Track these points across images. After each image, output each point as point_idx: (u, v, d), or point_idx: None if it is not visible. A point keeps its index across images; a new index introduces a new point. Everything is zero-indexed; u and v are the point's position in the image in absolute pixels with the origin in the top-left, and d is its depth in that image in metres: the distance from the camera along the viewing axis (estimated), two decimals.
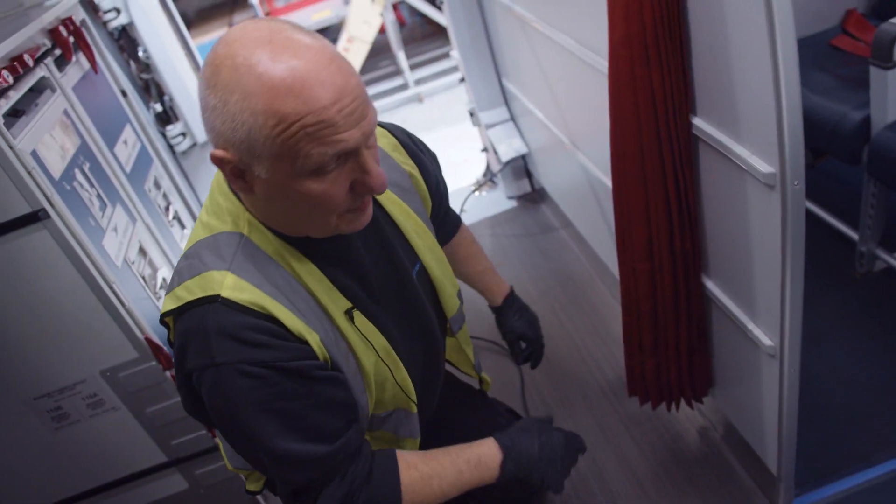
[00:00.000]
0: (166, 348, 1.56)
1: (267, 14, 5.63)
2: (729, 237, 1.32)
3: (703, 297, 1.48)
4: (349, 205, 0.96)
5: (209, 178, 1.02)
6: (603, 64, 1.58)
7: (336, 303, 1.07)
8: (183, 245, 2.04)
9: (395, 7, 5.02)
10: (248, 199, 0.98)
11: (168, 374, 1.58)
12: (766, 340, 1.30)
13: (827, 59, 1.99)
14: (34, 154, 1.36)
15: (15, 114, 1.41)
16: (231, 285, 0.96)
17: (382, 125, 1.25)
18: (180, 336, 0.99)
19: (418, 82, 4.64)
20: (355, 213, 0.99)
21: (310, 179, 0.90)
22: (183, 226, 2.09)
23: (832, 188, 2.24)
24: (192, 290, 0.98)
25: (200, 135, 2.40)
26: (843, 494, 1.52)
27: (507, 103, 2.78)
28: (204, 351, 0.95)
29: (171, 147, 2.35)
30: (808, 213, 2.02)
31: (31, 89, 1.49)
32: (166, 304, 1.01)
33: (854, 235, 1.95)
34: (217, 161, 0.90)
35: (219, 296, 0.95)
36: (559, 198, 2.57)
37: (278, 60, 0.84)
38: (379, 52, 5.07)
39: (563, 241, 2.58)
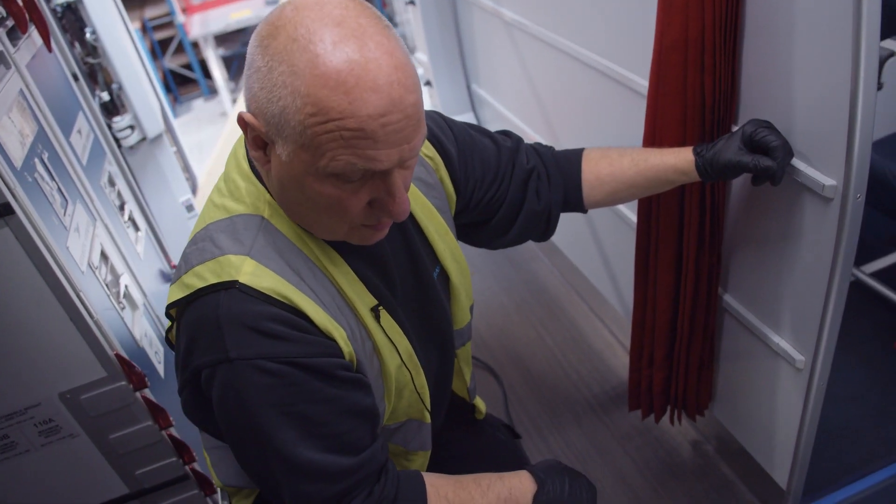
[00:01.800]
0: (138, 366, 1.38)
1: (183, 11, 5.32)
2: (759, 250, 1.30)
3: (719, 310, 1.46)
4: (363, 220, 0.88)
5: (157, 177, 0.90)
6: (612, 69, 1.55)
7: (362, 298, 0.97)
8: (139, 249, 1.84)
9: None
10: (264, 174, 0.88)
11: (138, 395, 1.40)
12: (797, 355, 1.28)
13: None
14: None
15: None
16: (250, 271, 0.86)
17: None
18: (188, 328, 0.88)
19: None
20: (369, 229, 0.90)
21: (328, 182, 0.81)
22: (137, 228, 1.88)
23: None
24: (203, 277, 0.86)
25: (151, 129, 2.17)
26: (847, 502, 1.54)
27: (474, 109, 2.72)
28: (216, 344, 0.84)
29: (116, 141, 2.11)
30: None
31: None
32: (172, 293, 0.90)
33: None
34: (242, 124, 0.82)
35: (236, 282, 0.85)
36: None
37: (340, 48, 0.74)
38: None
39: (531, 251, 2.53)
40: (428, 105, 2.91)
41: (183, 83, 5.66)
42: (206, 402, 0.90)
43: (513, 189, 1.21)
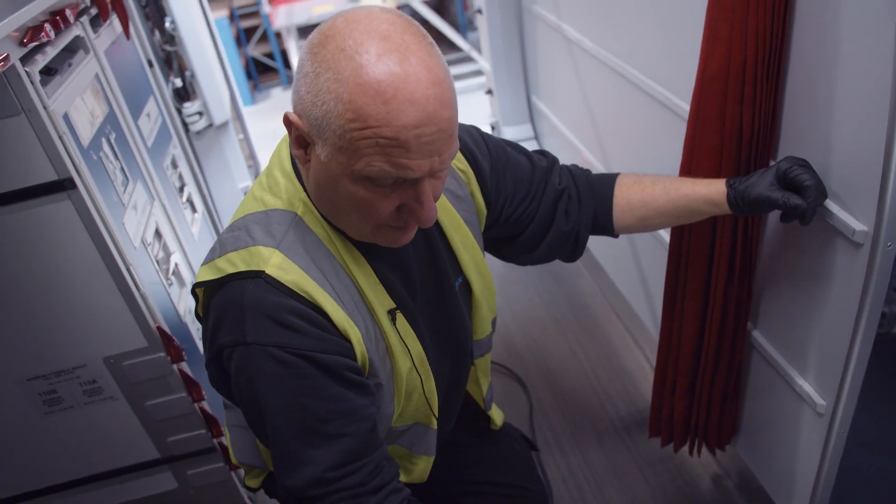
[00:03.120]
0: (177, 340, 1.46)
1: (270, 1, 5.52)
2: (790, 289, 1.28)
3: (746, 345, 1.44)
4: (391, 221, 0.92)
5: (220, 162, 0.96)
6: (663, 94, 1.55)
7: (381, 300, 1.01)
8: (194, 230, 1.94)
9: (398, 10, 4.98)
10: (304, 172, 0.94)
11: (175, 367, 1.48)
12: (818, 399, 1.25)
13: None
14: (66, 117, 1.26)
15: (48, 72, 1.31)
16: (277, 264, 0.91)
17: None
18: (216, 308, 0.94)
19: None
20: (395, 230, 0.94)
21: (361, 185, 0.86)
22: (195, 210, 1.99)
23: None
24: (234, 263, 0.92)
25: (218, 116, 2.29)
26: None
27: (532, 120, 2.73)
28: (237, 327, 0.90)
29: (185, 125, 2.23)
30: None
31: (65, 48, 1.39)
32: (202, 273, 0.96)
33: None
34: (287, 124, 0.88)
35: (263, 272, 0.90)
36: None
37: (383, 61, 0.79)
38: None
39: (576, 268, 2.53)
40: (487, 114, 2.94)
41: (264, 71, 5.88)
42: (227, 377, 0.96)
43: (543, 207, 1.23)
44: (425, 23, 4.97)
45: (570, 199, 1.25)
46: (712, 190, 1.15)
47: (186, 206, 1.92)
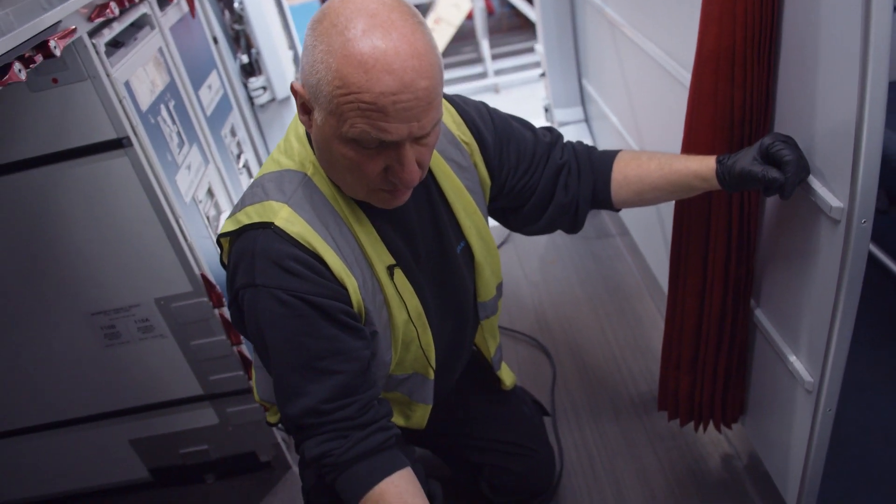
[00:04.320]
0: (219, 287, 1.63)
1: None
2: (785, 267, 1.30)
3: (750, 324, 1.47)
4: (380, 184, 1.02)
5: (282, 133, 1.09)
6: (687, 77, 1.57)
7: (380, 256, 1.12)
8: None
9: None
10: (312, 136, 1.05)
11: (216, 311, 1.65)
12: (807, 375, 1.28)
13: None
14: (127, 84, 1.43)
15: (115, 45, 1.49)
16: (285, 217, 1.03)
17: (453, 100, 1.27)
18: (234, 255, 1.07)
19: (497, 73, 4.64)
20: (387, 193, 1.05)
21: (349, 146, 0.96)
22: (251, 175, 2.16)
23: None
24: (250, 216, 1.05)
25: (280, 91, 2.47)
26: None
27: (583, 104, 2.77)
28: (249, 271, 1.03)
29: (250, 99, 2.42)
30: (875, 260, 1.96)
31: (132, 24, 1.57)
32: (226, 225, 1.10)
33: None
34: (294, 92, 0.99)
35: (272, 223, 1.03)
36: None
37: (367, 35, 0.89)
38: (463, 37, 5.09)
39: (617, 250, 2.57)
40: (539, 96, 2.99)
41: None
42: (243, 316, 1.10)
43: (544, 180, 1.30)
44: (512, 8, 5.02)
45: (570, 174, 1.31)
46: (703, 166, 1.20)
47: (243, 171, 2.10)
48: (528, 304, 2.41)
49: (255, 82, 2.41)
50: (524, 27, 5.13)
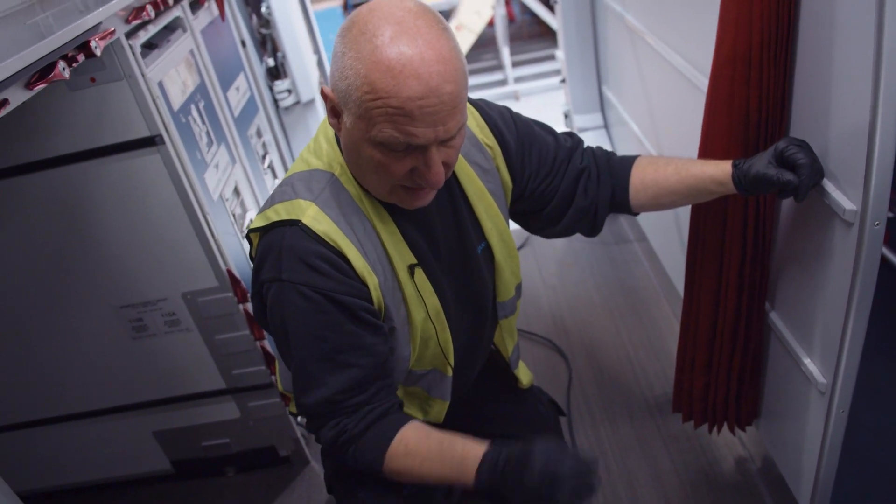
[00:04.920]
0: (244, 283, 1.68)
1: None
2: (799, 269, 1.32)
3: (764, 326, 1.48)
4: (405, 182, 1.05)
5: (306, 135, 1.13)
6: (706, 84, 1.60)
7: (402, 255, 1.15)
8: None
9: (506, 1, 5.07)
10: (341, 139, 1.08)
11: (241, 307, 1.70)
12: (820, 377, 1.29)
13: None
14: (160, 85, 1.48)
15: (149, 46, 1.54)
16: (312, 215, 1.07)
17: (477, 104, 1.30)
18: (261, 250, 1.11)
19: (518, 80, 4.67)
20: (410, 192, 1.08)
21: (377, 148, 1.00)
22: (275, 175, 2.21)
23: None
24: (279, 213, 1.09)
25: (305, 94, 2.52)
26: None
27: (602, 110, 2.80)
28: (275, 266, 1.07)
29: (275, 101, 2.48)
30: (888, 263, 1.97)
31: (165, 26, 1.63)
32: (256, 221, 1.14)
33: None
34: (324, 96, 1.03)
35: (299, 221, 1.06)
36: None
37: (395, 42, 0.93)
38: (483, 44, 5.13)
39: (634, 255, 2.59)
40: (559, 103, 3.02)
41: None
42: (266, 308, 1.14)
43: (565, 184, 1.33)
44: (533, 16, 5.06)
45: (590, 178, 1.34)
46: (719, 170, 1.22)
47: (267, 171, 2.15)
48: (545, 306, 2.43)
49: (280, 85, 2.46)
50: (545, 34, 5.16)
